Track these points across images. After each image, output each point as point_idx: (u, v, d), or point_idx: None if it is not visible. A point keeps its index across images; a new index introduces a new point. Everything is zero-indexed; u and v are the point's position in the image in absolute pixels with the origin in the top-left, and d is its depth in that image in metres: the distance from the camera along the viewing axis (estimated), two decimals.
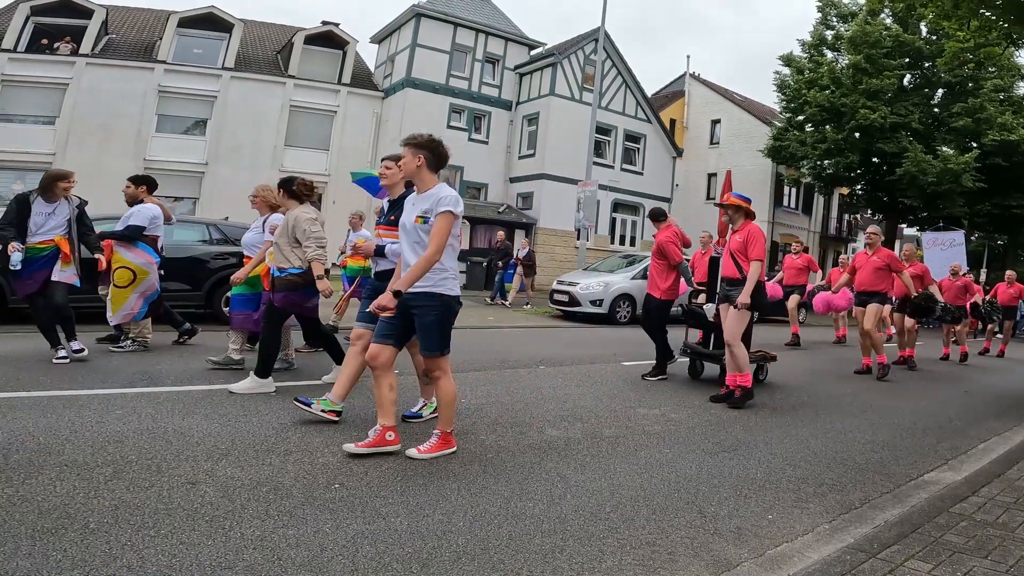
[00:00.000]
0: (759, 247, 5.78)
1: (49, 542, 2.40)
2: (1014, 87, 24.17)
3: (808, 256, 12.19)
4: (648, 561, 2.66)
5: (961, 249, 18.04)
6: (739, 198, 6.07)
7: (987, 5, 8.11)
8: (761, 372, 7.11)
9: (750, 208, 6.09)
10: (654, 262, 7.01)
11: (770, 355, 7.11)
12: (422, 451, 3.71)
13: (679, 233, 7.09)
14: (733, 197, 6.09)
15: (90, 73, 20.86)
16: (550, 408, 5.22)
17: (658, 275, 6.92)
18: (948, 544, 2.90)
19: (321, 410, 4.22)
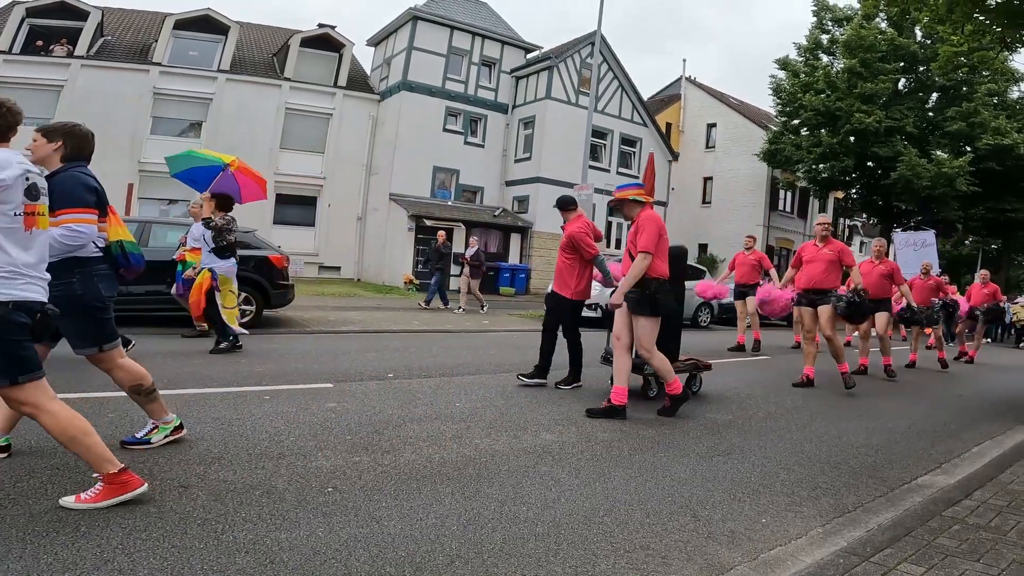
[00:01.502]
0: (647, 236, 5.07)
1: (40, 545, 2.38)
2: (1008, 91, 24.33)
3: (760, 253, 11.12)
4: (642, 565, 2.66)
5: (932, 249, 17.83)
6: (624, 190, 5.40)
7: (981, 9, 8.15)
8: (694, 383, 6.40)
9: (639, 194, 5.36)
10: (563, 257, 6.28)
11: (703, 364, 6.43)
12: (82, 500, 2.76)
13: (591, 225, 6.38)
14: (617, 191, 5.42)
15: (85, 75, 20.81)
16: (545, 412, 5.22)
17: (568, 272, 6.22)
18: (941, 547, 2.91)
19: None
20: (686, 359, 6.34)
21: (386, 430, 4.32)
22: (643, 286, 5.09)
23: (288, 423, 4.29)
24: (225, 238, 7.21)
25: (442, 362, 7.34)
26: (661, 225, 5.18)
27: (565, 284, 6.24)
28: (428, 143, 23.61)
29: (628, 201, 5.33)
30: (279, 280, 9.57)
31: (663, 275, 5.13)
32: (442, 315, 13.77)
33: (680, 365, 6.06)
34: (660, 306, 5.10)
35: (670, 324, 5.89)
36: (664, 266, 5.16)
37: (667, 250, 5.27)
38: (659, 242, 5.09)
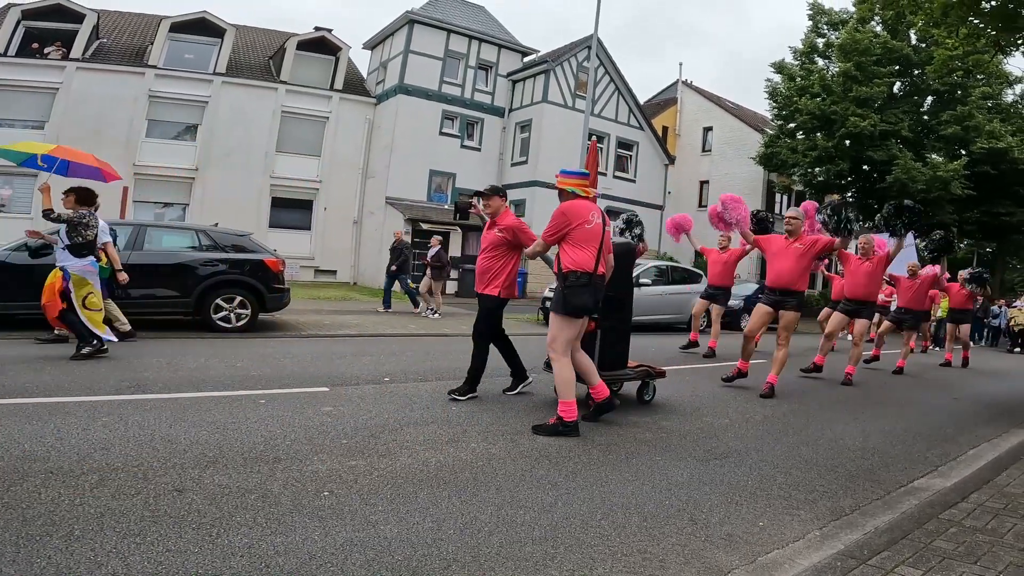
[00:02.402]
0: (549, 225, 4.62)
1: (33, 549, 2.37)
2: (1002, 95, 24.42)
3: (736, 251, 9.99)
4: (639, 568, 2.65)
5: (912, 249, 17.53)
6: (567, 177, 4.82)
7: (976, 13, 8.19)
8: (646, 391, 5.95)
9: (580, 186, 4.77)
10: (492, 254, 5.57)
11: (655, 370, 5.92)
12: None
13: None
14: (560, 177, 4.86)
15: (80, 78, 20.77)
16: (542, 415, 5.20)
17: (500, 269, 5.55)
18: (938, 550, 2.91)
19: None
20: (636, 365, 5.86)
21: (382, 434, 4.31)
22: (560, 278, 4.60)
23: (284, 427, 4.28)
24: (81, 234, 6.58)
25: (438, 366, 7.33)
26: (577, 214, 4.57)
27: (492, 282, 5.55)
28: (424, 146, 23.62)
29: (564, 192, 4.76)
30: (275, 284, 9.56)
31: (584, 269, 4.51)
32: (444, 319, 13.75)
33: (630, 372, 5.71)
34: (570, 303, 4.47)
35: (617, 327, 5.54)
36: (587, 259, 4.53)
37: (592, 242, 4.59)
38: (578, 232, 4.53)
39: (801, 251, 6.77)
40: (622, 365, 5.70)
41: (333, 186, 23.97)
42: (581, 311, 4.56)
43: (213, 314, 8.99)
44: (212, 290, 8.99)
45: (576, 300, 4.47)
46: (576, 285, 4.47)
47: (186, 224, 14.76)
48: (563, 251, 4.59)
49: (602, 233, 4.65)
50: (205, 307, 8.96)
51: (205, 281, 8.96)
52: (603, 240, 4.65)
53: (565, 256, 4.56)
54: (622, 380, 5.83)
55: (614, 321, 5.51)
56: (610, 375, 5.46)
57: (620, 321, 5.62)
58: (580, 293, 4.47)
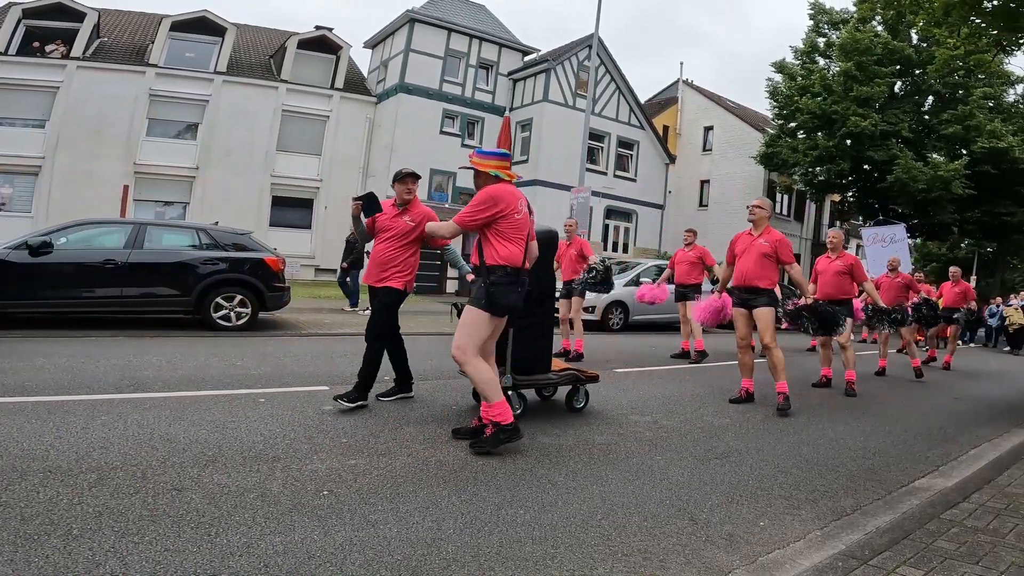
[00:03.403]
0: (468, 208, 4.08)
1: (31, 548, 2.36)
2: (1003, 94, 24.39)
3: (702, 248, 9.74)
4: (639, 568, 2.64)
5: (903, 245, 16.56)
6: (485, 158, 4.24)
7: (977, 12, 8.17)
8: (576, 397, 5.42)
9: (500, 168, 4.20)
10: (396, 244, 5.07)
11: (585, 374, 5.39)
12: None
13: None
14: (476, 157, 4.26)
15: (81, 76, 20.77)
16: (541, 415, 5.20)
17: (405, 262, 5.10)
18: (939, 550, 2.90)
19: None
20: (562, 369, 5.32)
21: (382, 433, 4.30)
22: (483, 273, 4.09)
23: (283, 426, 4.27)
24: None
25: (438, 365, 7.32)
26: (507, 201, 4.05)
27: (399, 275, 5.07)
28: (425, 146, 23.60)
29: (484, 175, 4.19)
30: (275, 282, 9.55)
31: (512, 263, 4.04)
32: (440, 318, 13.74)
33: (554, 376, 5.17)
34: (497, 302, 3.99)
35: (538, 324, 4.98)
36: (516, 254, 4.06)
37: (520, 234, 4.13)
38: (500, 222, 4.05)
39: (765, 249, 6.24)
40: (544, 367, 5.11)
41: (333, 185, 23.95)
42: (508, 311, 4.12)
43: (213, 313, 8.98)
44: (212, 289, 8.98)
45: (505, 299, 4.01)
46: (504, 283, 4.02)
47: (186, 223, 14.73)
48: (488, 243, 4.08)
49: (529, 225, 4.25)
50: (205, 306, 8.95)
51: (205, 280, 8.94)
52: (529, 232, 4.25)
53: (491, 250, 4.07)
54: (545, 385, 5.27)
55: (536, 317, 4.92)
56: (529, 380, 4.96)
57: (541, 317, 5.05)
58: (509, 291, 4.03)
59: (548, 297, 5.12)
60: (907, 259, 15.55)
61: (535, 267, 4.52)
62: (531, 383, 5.04)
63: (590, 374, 5.44)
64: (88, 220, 9.23)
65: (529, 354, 4.91)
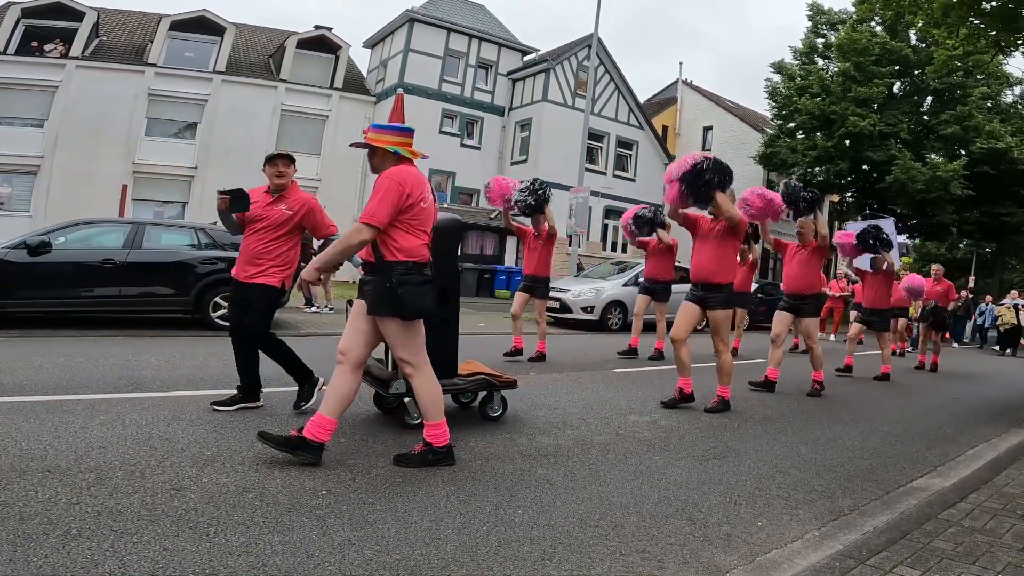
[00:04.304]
0: (376, 201, 3.40)
1: (30, 548, 2.36)
2: (1001, 95, 24.42)
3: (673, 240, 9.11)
4: (637, 568, 2.65)
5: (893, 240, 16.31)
6: (381, 133, 3.62)
7: (976, 13, 8.19)
8: (492, 404, 4.88)
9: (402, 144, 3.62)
10: (271, 235, 4.57)
11: (500, 379, 4.83)
12: None
13: None
14: (371, 131, 3.63)
15: (80, 76, 20.76)
16: (540, 415, 5.21)
17: (282, 255, 4.62)
18: (936, 550, 2.90)
19: None
20: (471, 373, 4.75)
21: (381, 433, 4.30)
22: (384, 272, 3.49)
23: (282, 426, 4.26)
24: None
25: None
26: (412, 186, 3.48)
27: (275, 270, 4.59)
28: (424, 145, 23.14)
29: (380, 152, 3.60)
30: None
31: (418, 258, 3.52)
32: None
33: (461, 382, 4.61)
34: (407, 304, 3.43)
35: (441, 325, 4.34)
36: (419, 245, 3.53)
37: (427, 224, 3.61)
38: (406, 212, 3.47)
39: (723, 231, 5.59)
40: (449, 371, 4.54)
41: (333, 184, 23.92)
42: (423, 314, 3.57)
43: (212, 312, 8.98)
44: (211, 288, 8.97)
45: (418, 300, 3.46)
46: (412, 281, 3.45)
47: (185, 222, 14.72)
48: (387, 236, 3.48)
49: (434, 214, 3.74)
50: (204, 305, 8.94)
51: (204, 279, 8.94)
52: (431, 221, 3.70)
53: (391, 243, 3.48)
54: (449, 391, 4.47)
55: (442, 316, 4.34)
56: None
57: (444, 315, 4.39)
58: (425, 292, 3.49)
59: (451, 293, 4.57)
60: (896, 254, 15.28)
61: (436, 260, 4.05)
62: None
63: (506, 379, 4.86)
64: (87, 220, 9.23)
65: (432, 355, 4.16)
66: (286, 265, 4.64)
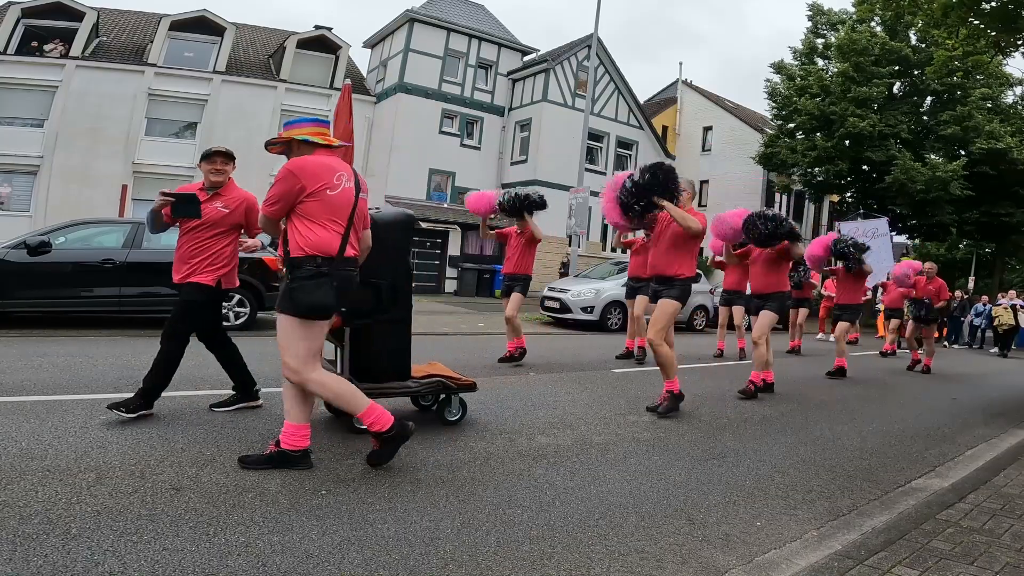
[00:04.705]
0: (271, 189, 3.31)
1: (30, 548, 2.36)
2: (1001, 95, 24.41)
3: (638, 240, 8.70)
4: (636, 568, 2.65)
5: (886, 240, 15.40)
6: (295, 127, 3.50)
7: (976, 13, 8.20)
8: (450, 408, 4.65)
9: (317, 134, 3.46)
10: (208, 233, 4.41)
11: (457, 382, 4.57)
12: None
13: None
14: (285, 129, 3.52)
15: (80, 75, 20.75)
16: (540, 415, 5.21)
17: (219, 253, 4.44)
18: (935, 550, 2.91)
19: None
20: (425, 375, 4.52)
21: None
22: (288, 267, 3.34)
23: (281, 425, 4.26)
24: None
25: None
26: (314, 174, 3.28)
27: (209, 269, 4.43)
28: (424, 145, 23.61)
29: (294, 144, 3.45)
30: (274, 282, 9.55)
31: (323, 251, 3.27)
32: (439, 317, 13.74)
33: (414, 384, 4.39)
34: (302, 303, 3.24)
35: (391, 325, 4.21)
36: (329, 239, 3.29)
37: (338, 214, 3.33)
38: (315, 201, 3.27)
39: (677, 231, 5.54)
40: (400, 373, 4.35)
41: None
42: (318, 311, 3.31)
43: None
44: None
45: (310, 297, 3.24)
46: (309, 276, 3.25)
47: None
48: (293, 228, 3.31)
49: (354, 201, 3.43)
50: None
51: None
52: (355, 211, 3.43)
53: (296, 235, 3.29)
54: (400, 395, 4.48)
55: (389, 315, 4.17)
56: (377, 388, 4.13)
57: (395, 314, 4.22)
58: (316, 287, 3.25)
59: (403, 291, 4.27)
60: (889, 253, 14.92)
61: (389, 256, 3.97)
62: (380, 392, 4.12)
63: (464, 382, 4.62)
64: (86, 220, 9.23)
65: (380, 358, 4.13)
66: (221, 264, 4.45)
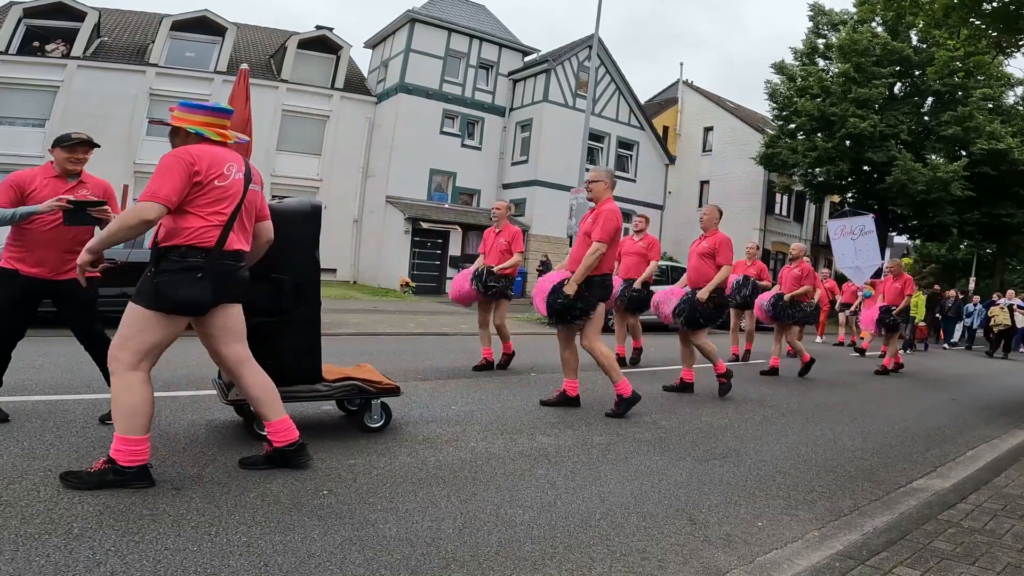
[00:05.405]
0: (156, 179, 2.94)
1: (32, 547, 2.36)
2: (1002, 96, 24.42)
3: (651, 238, 8.47)
4: (638, 568, 2.65)
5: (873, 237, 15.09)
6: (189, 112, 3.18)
7: (977, 14, 8.20)
8: (370, 414, 4.32)
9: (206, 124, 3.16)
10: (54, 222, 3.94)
11: (377, 386, 4.24)
12: None
13: None
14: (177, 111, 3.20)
15: (81, 76, 20.78)
16: (541, 415, 5.21)
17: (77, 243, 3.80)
18: (936, 551, 2.91)
19: None
20: (339, 378, 4.18)
21: (381, 433, 4.31)
22: (153, 257, 3.08)
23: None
24: None
25: (438, 365, 7.34)
26: (208, 166, 3.03)
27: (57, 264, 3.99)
28: (425, 145, 23.61)
29: (181, 134, 3.18)
30: None
31: (200, 242, 3.01)
32: (439, 317, 13.74)
33: (324, 388, 4.07)
34: (166, 297, 2.98)
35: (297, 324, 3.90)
36: (207, 230, 3.04)
37: (221, 205, 3.08)
38: (201, 191, 3.02)
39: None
40: (308, 376, 4.05)
41: (333, 185, 23.96)
42: (186, 308, 3.05)
43: None
44: None
45: (177, 292, 2.97)
46: (180, 269, 2.98)
47: None
48: (168, 216, 3.02)
49: (243, 192, 3.18)
50: None
51: None
52: (242, 202, 3.18)
53: (170, 224, 3.02)
54: (308, 400, 4.16)
55: (295, 313, 3.88)
56: (284, 392, 3.67)
57: (302, 313, 3.93)
58: (187, 282, 2.97)
59: (310, 288, 3.98)
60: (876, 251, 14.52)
61: (293, 250, 3.78)
62: (286, 396, 3.71)
63: (385, 386, 4.27)
64: None
65: (284, 359, 3.85)
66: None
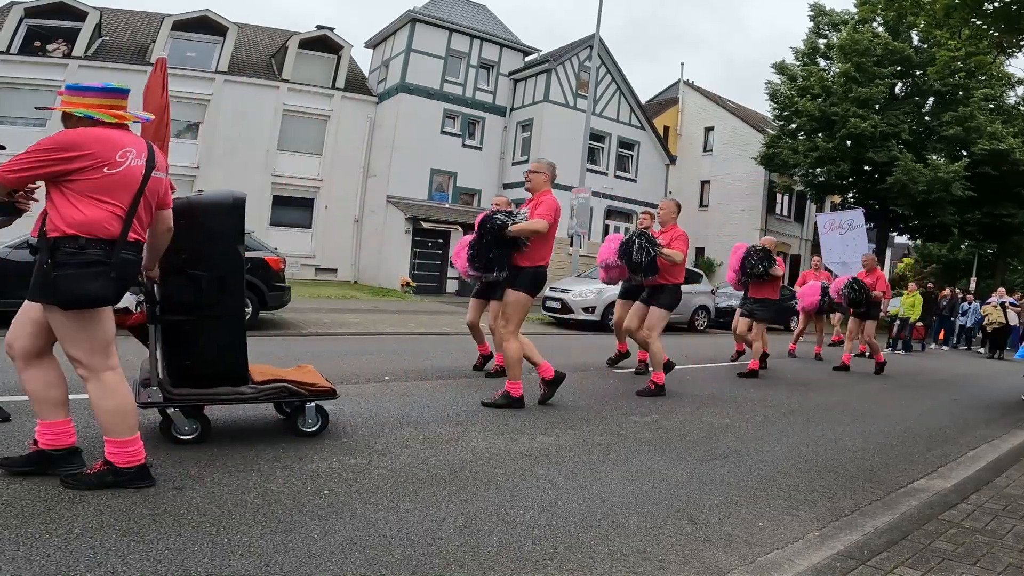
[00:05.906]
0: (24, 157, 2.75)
1: (33, 547, 2.37)
2: (1004, 96, 24.40)
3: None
4: (638, 568, 2.65)
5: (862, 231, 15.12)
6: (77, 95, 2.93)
7: (978, 14, 8.20)
8: (303, 418, 4.09)
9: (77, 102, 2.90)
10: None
11: (309, 389, 4.02)
12: None
13: None
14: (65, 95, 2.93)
15: (83, 75, 20.71)
16: (541, 415, 5.21)
17: None
18: (937, 551, 2.90)
19: None
20: (268, 380, 3.94)
21: (382, 433, 4.31)
22: (43, 249, 2.88)
23: (284, 426, 4.27)
24: None
25: (439, 365, 7.33)
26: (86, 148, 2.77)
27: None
28: (426, 145, 23.60)
29: (71, 119, 2.92)
30: (275, 282, 9.56)
31: (92, 232, 2.79)
32: (439, 317, 13.75)
33: (249, 391, 3.82)
34: (63, 290, 2.78)
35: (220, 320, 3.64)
36: (106, 219, 2.83)
37: (119, 193, 2.86)
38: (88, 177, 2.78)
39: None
40: (235, 377, 3.79)
41: (334, 184, 23.97)
42: (88, 303, 2.86)
43: None
44: None
45: (79, 287, 2.78)
46: (76, 262, 2.77)
47: None
48: (53, 205, 2.82)
49: (143, 179, 2.95)
50: None
51: None
52: (142, 190, 2.94)
53: (57, 212, 2.79)
54: (231, 402, 3.89)
55: (217, 308, 3.62)
56: (200, 394, 3.67)
57: (225, 308, 3.66)
58: (88, 276, 2.79)
59: (232, 282, 3.68)
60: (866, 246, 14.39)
61: (215, 244, 3.60)
62: (207, 399, 3.67)
63: (320, 388, 4.05)
64: None
65: (205, 356, 3.64)
66: None
